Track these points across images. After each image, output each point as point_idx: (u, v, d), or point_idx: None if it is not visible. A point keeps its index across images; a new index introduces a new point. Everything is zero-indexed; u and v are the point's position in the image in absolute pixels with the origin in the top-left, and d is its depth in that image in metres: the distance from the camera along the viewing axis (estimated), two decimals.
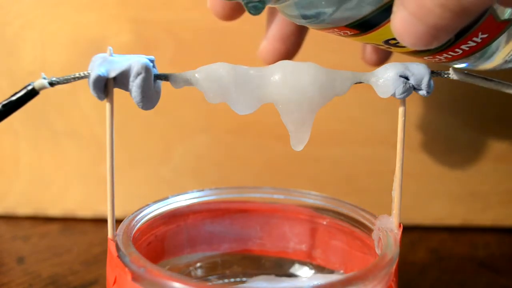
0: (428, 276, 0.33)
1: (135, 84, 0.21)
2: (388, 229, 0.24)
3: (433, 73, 0.23)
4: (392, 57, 0.32)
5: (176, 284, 0.20)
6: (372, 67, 0.32)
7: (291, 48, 0.31)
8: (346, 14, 0.22)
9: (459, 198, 0.39)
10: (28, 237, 0.36)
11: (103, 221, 0.27)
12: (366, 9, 0.21)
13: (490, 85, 0.23)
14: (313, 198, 0.29)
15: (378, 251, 0.24)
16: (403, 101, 0.23)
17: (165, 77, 0.22)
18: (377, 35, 0.23)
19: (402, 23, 0.19)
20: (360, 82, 0.23)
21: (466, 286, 0.32)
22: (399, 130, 0.23)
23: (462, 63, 0.26)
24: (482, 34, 0.23)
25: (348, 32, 0.23)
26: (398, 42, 0.23)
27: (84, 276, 0.31)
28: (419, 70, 0.23)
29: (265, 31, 0.31)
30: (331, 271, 0.28)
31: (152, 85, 0.22)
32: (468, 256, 0.36)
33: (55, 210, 0.39)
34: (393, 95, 0.23)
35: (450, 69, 0.23)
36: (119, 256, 0.21)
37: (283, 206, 0.29)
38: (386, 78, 0.23)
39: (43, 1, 0.37)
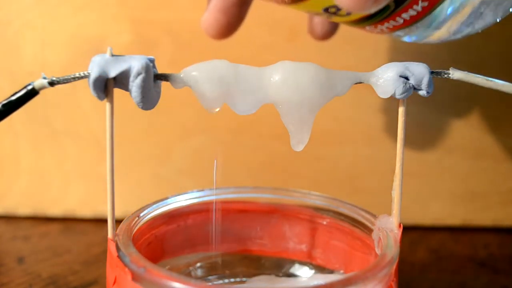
0: (428, 276, 0.33)
1: (135, 84, 0.21)
2: (388, 229, 0.24)
3: (433, 73, 0.23)
4: (342, 29, 0.31)
5: (176, 284, 0.20)
6: (320, 41, 0.32)
7: (232, 20, 0.30)
8: None
9: (459, 198, 0.39)
10: (28, 237, 0.36)
11: (103, 221, 0.27)
12: None
13: (490, 85, 0.23)
14: (313, 198, 0.29)
15: (378, 251, 0.24)
16: (403, 101, 0.23)
17: (165, 77, 0.22)
18: (316, 2, 0.23)
19: None
20: (360, 82, 0.23)
21: (466, 286, 0.32)
22: (399, 130, 0.23)
23: (407, 34, 0.26)
24: (422, 2, 0.24)
25: None
26: (338, 10, 0.23)
27: (84, 276, 0.31)
28: (419, 70, 0.23)
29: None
30: (331, 271, 0.28)
31: (152, 85, 0.22)
32: (468, 256, 0.36)
33: (55, 210, 0.39)
34: (393, 95, 0.23)
35: (450, 68, 0.23)
36: (119, 256, 0.21)
37: (283, 206, 0.29)
38: (386, 78, 0.23)
39: (43, 1, 0.37)
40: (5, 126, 0.35)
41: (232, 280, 0.29)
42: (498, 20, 0.26)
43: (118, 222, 0.23)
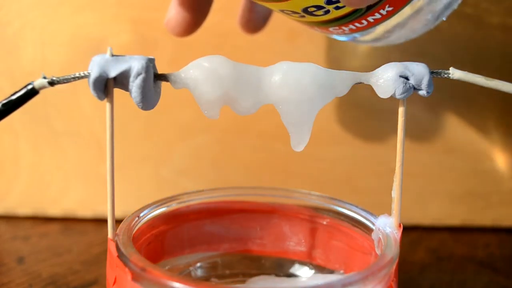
0: (428, 276, 0.33)
1: (135, 84, 0.21)
2: (388, 229, 0.24)
3: (433, 73, 0.23)
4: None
5: (176, 284, 0.20)
6: (250, 32, 0.33)
7: (199, 17, 0.30)
8: None
9: (459, 198, 0.39)
10: (28, 237, 0.36)
11: (103, 221, 0.27)
12: None
13: (490, 85, 0.23)
14: (313, 198, 0.29)
15: (378, 251, 0.24)
16: (403, 101, 0.23)
17: (165, 77, 0.22)
18: (298, 2, 0.24)
19: None
20: (360, 82, 0.23)
21: (466, 286, 0.32)
22: (399, 130, 0.23)
23: (349, 36, 0.27)
24: (389, 6, 0.25)
25: None
26: (316, 10, 0.24)
27: (84, 276, 0.31)
28: (419, 70, 0.23)
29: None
30: (331, 271, 0.28)
31: (152, 85, 0.22)
32: (468, 256, 0.36)
33: (55, 210, 0.39)
34: (393, 95, 0.23)
35: (450, 68, 0.23)
36: (119, 256, 0.21)
37: (283, 206, 0.29)
38: (386, 78, 0.23)
39: (43, 1, 0.37)
40: (5, 126, 0.35)
41: (232, 280, 0.29)
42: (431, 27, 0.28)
43: (118, 222, 0.23)
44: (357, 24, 0.26)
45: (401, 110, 0.23)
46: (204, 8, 0.30)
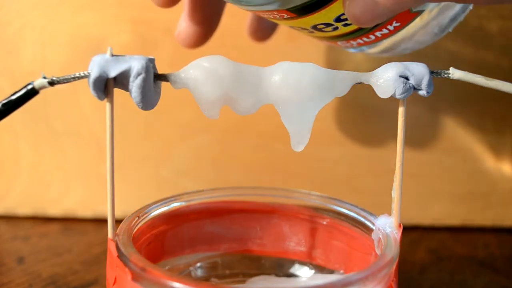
0: (428, 276, 0.33)
1: (135, 84, 0.21)
2: (388, 229, 0.24)
3: (433, 73, 0.23)
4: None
5: (176, 284, 0.20)
6: (258, 41, 0.33)
7: (209, 30, 0.31)
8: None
9: (459, 198, 0.39)
10: (28, 237, 0.36)
11: (103, 221, 0.28)
12: None
13: (490, 85, 0.23)
14: (313, 198, 0.29)
15: (378, 251, 0.24)
16: (403, 101, 0.23)
17: (165, 78, 0.22)
18: (311, 20, 0.24)
19: (362, 7, 0.22)
20: (360, 83, 0.23)
21: (466, 286, 0.32)
22: (399, 130, 0.23)
23: (356, 49, 0.28)
24: (396, 22, 0.25)
25: (285, 15, 0.24)
26: (325, 27, 0.25)
27: (84, 276, 0.31)
28: (419, 70, 0.23)
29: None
30: (331, 271, 0.28)
31: (152, 85, 0.22)
32: (468, 256, 0.36)
33: (55, 210, 0.39)
34: (393, 95, 0.23)
35: (450, 68, 0.23)
36: (119, 256, 0.21)
37: (283, 206, 0.29)
38: (386, 78, 0.23)
39: (43, 1, 0.37)
40: (5, 126, 0.35)
41: (232, 280, 0.29)
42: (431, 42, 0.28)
43: (118, 222, 0.23)
44: (365, 39, 0.26)
45: (401, 110, 0.23)
46: (213, 21, 0.31)
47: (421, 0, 0.22)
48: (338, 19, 0.24)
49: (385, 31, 0.26)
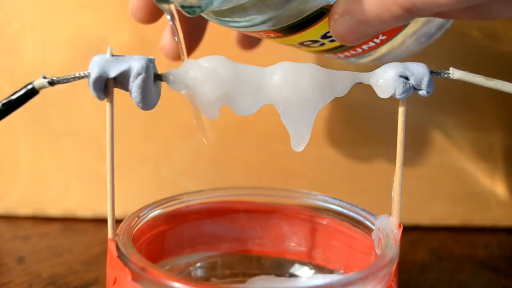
0: (428, 276, 0.33)
1: (135, 84, 0.21)
2: (388, 229, 0.24)
3: (433, 73, 0.23)
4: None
5: (176, 284, 0.20)
6: (245, 49, 0.34)
7: (193, 43, 0.31)
8: (281, 20, 0.23)
9: (459, 198, 0.39)
10: (28, 237, 0.36)
11: (103, 221, 0.27)
12: (295, 16, 0.23)
13: (490, 85, 0.23)
14: (313, 198, 0.29)
15: (378, 251, 0.24)
16: (403, 101, 0.23)
17: (165, 78, 0.22)
18: (297, 38, 0.25)
19: (347, 27, 0.22)
20: (360, 83, 0.23)
21: (466, 286, 0.32)
22: (399, 130, 0.23)
23: (344, 59, 0.29)
24: (382, 36, 0.26)
25: (272, 34, 0.25)
26: (312, 43, 0.26)
27: (84, 276, 0.31)
28: (419, 70, 0.23)
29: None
30: (331, 271, 0.28)
31: (152, 85, 0.22)
32: (468, 256, 0.36)
33: (55, 210, 0.39)
34: (393, 95, 0.23)
35: (450, 68, 0.23)
36: (119, 256, 0.21)
37: (283, 206, 0.29)
38: (386, 78, 0.23)
39: (43, 1, 0.37)
40: (5, 126, 0.35)
41: (232, 280, 0.29)
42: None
43: (118, 222, 0.23)
44: (352, 52, 0.27)
45: (401, 110, 0.23)
46: (197, 35, 0.31)
47: (405, 18, 0.21)
48: (324, 36, 0.25)
49: (371, 44, 0.26)
